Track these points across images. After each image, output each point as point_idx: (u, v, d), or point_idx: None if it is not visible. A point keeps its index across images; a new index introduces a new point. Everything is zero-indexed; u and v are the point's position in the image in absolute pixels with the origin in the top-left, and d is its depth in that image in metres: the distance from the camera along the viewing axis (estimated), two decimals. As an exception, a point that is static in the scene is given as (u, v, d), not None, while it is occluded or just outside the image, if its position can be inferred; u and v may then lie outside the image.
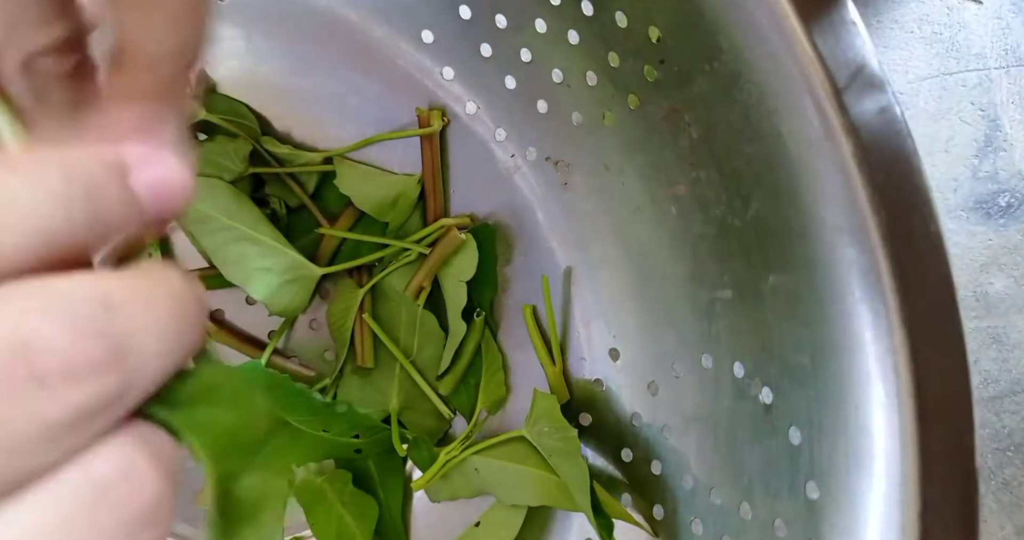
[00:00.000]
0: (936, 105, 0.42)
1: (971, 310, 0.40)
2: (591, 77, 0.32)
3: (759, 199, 0.26)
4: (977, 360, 0.40)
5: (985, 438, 0.39)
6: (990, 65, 0.42)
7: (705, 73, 0.26)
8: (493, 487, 0.35)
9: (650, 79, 0.29)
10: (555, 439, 0.33)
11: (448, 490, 0.36)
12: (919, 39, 0.42)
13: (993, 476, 0.39)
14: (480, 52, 0.35)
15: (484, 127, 0.37)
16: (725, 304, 0.29)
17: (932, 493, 0.21)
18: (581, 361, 0.36)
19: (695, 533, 0.30)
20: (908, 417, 0.21)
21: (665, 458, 0.32)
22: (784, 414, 0.26)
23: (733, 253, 0.28)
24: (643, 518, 0.33)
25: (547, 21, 0.32)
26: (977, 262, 0.41)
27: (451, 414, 0.38)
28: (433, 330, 0.37)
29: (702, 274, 0.30)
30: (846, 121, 0.22)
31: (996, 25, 0.42)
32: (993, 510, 0.39)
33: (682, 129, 0.29)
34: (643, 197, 0.32)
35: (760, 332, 0.27)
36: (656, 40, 0.28)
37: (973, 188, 0.41)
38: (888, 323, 0.22)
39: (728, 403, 0.29)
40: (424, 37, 0.37)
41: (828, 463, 0.24)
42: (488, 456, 0.35)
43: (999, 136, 0.41)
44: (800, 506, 0.25)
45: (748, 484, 0.28)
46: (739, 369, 0.28)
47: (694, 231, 0.30)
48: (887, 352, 0.22)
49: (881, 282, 0.22)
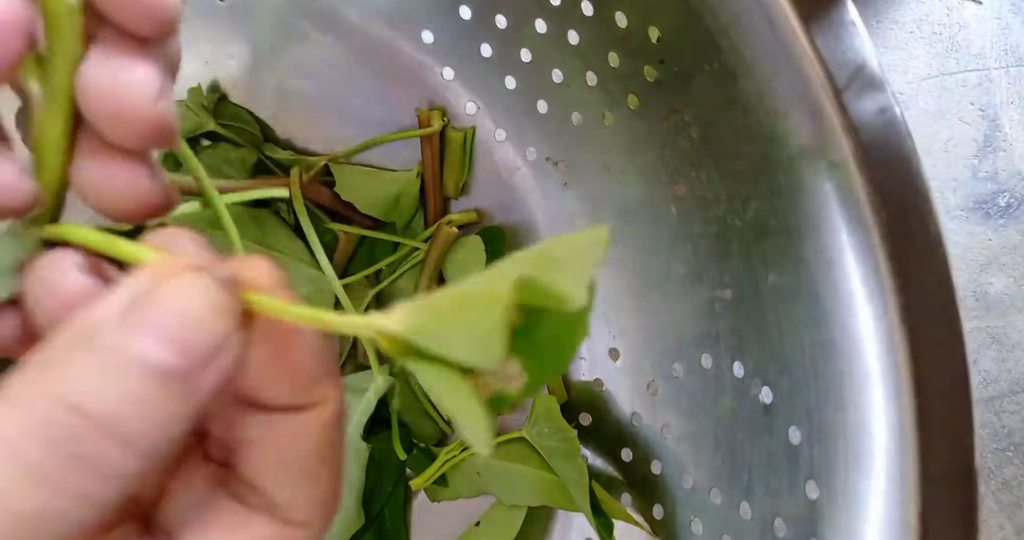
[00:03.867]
0: (936, 105, 0.42)
1: (971, 310, 0.40)
2: (591, 77, 0.32)
3: (759, 199, 0.26)
4: (977, 360, 0.40)
5: (985, 438, 0.39)
6: (990, 65, 0.42)
7: (705, 73, 0.26)
8: (493, 487, 0.35)
9: (650, 79, 0.29)
10: (555, 439, 0.33)
11: (448, 490, 0.36)
12: (919, 39, 0.42)
13: (993, 476, 0.39)
14: (480, 52, 0.35)
15: (484, 127, 0.37)
16: (725, 304, 0.29)
17: (932, 493, 0.21)
18: (581, 361, 0.36)
19: (695, 533, 0.30)
20: (908, 417, 0.21)
21: (665, 458, 0.32)
22: (784, 414, 0.26)
23: (733, 253, 0.28)
24: (643, 518, 0.33)
25: (547, 21, 0.32)
26: (977, 262, 0.41)
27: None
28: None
29: (702, 274, 0.30)
30: (846, 121, 0.22)
31: (996, 25, 0.42)
32: (993, 510, 0.39)
33: (682, 129, 0.29)
34: (643, 197, 0.32)
35: (760, 332, 0.27)
36: (656, 40, 0.28)
37: (973, 188, 0.41)
38: (888, 323, 0.22)
39: (728, 403, 0.29)
40: (424, 37, 0.37)
41: (828, 463, 0.24)
42: (488, 456, 0.35)
43: (999, 136, 0.41)
44: (800, 506, 0.25)
45: (748, 484, 0.28)
46: (739, 369, 0.28)
47: (694, 231, 0.30)
48: (887, 352, 0.22)
49: (881, 282, 0.22)
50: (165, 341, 0.11)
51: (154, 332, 0.11)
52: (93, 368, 0.11)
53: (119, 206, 0.14)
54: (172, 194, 0.14)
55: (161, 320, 0.11)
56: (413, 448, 0.37)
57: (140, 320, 0.11)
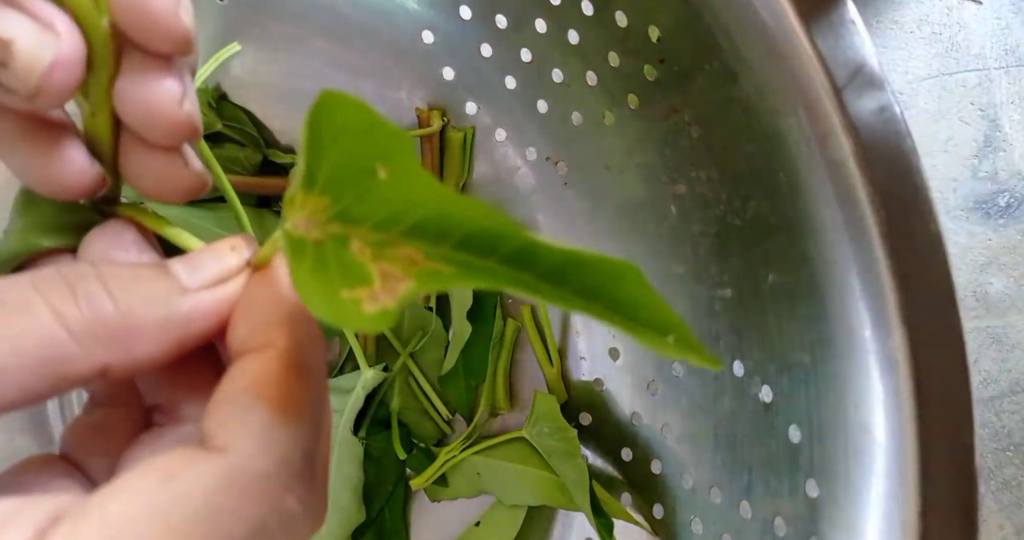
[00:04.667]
0: (936, 105, 0.42)
1: (971, 310, 0.40)
2: (591, 77, 0.32)
3: (759, 198, 0.26)
4: (977, 360, 0.40)
5: (985, 438, 0.39)
6: (990, 65, 0.42)
7: (705, 72, 0.26)
8: (493, 487, 0.35)
9: (650, 79, 0.29)
10: (555, 439, 0.33)
11: (448, 490, 0.36)
12: (919, 39, 0.42)
13: (993, 476, 0.39)
14: (480, 52, 0.35)
15: (484, 127, 0.37)
16: (725, 303, 0.29)
17: (932, 492, 0.21)
18: (581, 361, 0.36)
19: (695, 532, 0.30)
20: (908, 416, 0.21)
21: (665, 457, 0.32)
22: (784, 413, 0.26)
23: (733, 252, 0.28)
24: (643, 517, 0.33)
25: (547, 21, 0.32)
26: (977, 262, 0.41)
27: (451, 415, 0.38)
28: (437, 332, 0.37)
29: (702, 273, 0.30)
30: (845, 120, 0.22)
31: (996, 25, 0.42)
32: (993, 510, 0.39)
33: (682, 129, 0.29)
34: (643, 197, 0.32)
35: (760, 331, 0.27)
36: (656, 40, 0.28)
37: (972, 188, 0.41)
38: (888, 322, 0.22)
39: (728, 402, 0.29)
40: (424, 37, 0.37)
41: (828, 461, 0.24)
42: (488, 456, 0.35)
43: (999, 136, 0.41)
44: (800, 504, 0.25)
45: (748, 483, 0.28)
46: (739, 368, 0.28)
47: (694, 230, 0.30)
48: (887, 351, 0.22)
49: (881, 281, 0.22)
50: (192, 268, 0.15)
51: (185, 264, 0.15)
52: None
53: (161, 190, 0.17)
54: (205, 179, 0.17)
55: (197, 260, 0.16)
56: (413, 448, 0.37)
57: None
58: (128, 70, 0.15)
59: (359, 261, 0.13)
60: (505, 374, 0.37)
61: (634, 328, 0.13)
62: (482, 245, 0.13)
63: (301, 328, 0.15)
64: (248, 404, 0.14)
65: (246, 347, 0.15)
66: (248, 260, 0.16)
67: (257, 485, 0.13)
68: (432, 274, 0.13)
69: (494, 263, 0.13)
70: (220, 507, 0.13)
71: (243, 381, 0.14)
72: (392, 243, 0.13)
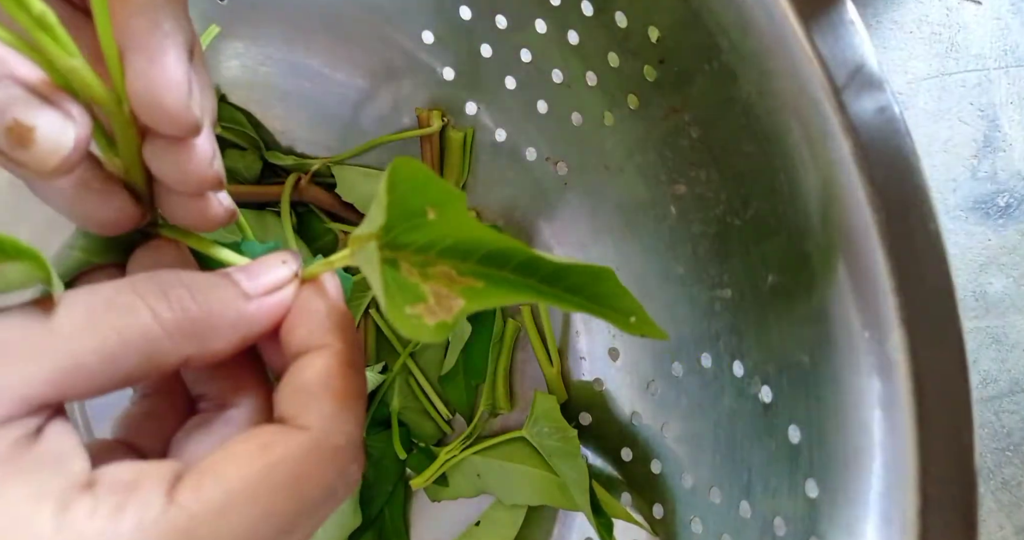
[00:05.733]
0: (935, 105, 0.42)
1: (971, 310, 0.40)
2: (591, 77, 0.32)
3: (759, 199, 0.26)
4: (977, 360, 0.40)
5: (984, 438, 0.39)
6: (989, 65, 0.42)
7: (705, 72, 0.26)
8: (493, 487, 0.35)
9: (650, 79, 0.29)
10: (555, 439, 0.33)
11: (448, 490, 0.36)
12: (918, 39, 0.42)
13: (992, 476, 0.39)
14: (480, 52, 0.35)
15: (484, 127, 0.37)
16: (724, 303, 0.29)
17: (932, 492, 0.21)
18: (581, 360, 0.36)
19: (695, 532, 0.30)
20: (907, 416, 0.21)
21: (665, 457, 0.32)
22: (783, 413, 0.26)
23: (733, 252, 0.28)
24: (643, 517, 0.33)
25: (547, 21, 0.32)
26: (976, 262, 0.41)
27: (451, 415, 0.38)
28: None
29: (702, 273, 0.30)
30: (845, 120, 0.22)
31: (995, 25, 0.42)
32: (992, 510, 0.39)
33: (682, 129, 0.29)
34: (643, 197, 0.32)
35: (759, 331, 0.27)
36: (656, 40, 0.28)
37: (972, 188, 0.41)
38: (887, 322, 0.22)
39: (728, 402, 0.29)
40: (424, 37, 0.37)
41: (827, 461, 0.24)
42: (488, 456, 0.35)
43: (998, 136, 0.41)
44: (800, 504, 0.25)
45: (748, 482, 0.28)
46: (739, 368, 0.28)
47: (694, 230, 0.30)
48: (887, 351, 0.22)
49: (880, 281, 0.22)
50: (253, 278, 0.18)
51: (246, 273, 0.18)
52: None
53: (195, 224, 0.19)
54: (233, 211, 0.20)
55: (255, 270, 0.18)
56: (413, 448, 0.37)
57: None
58: (152, 141, 0.17)
59: (412, 281, 0.16)
60: (505, 374, 0.37)
61: (607, 313, 0.17)
62: (498, 259, 0.17)
63: (349, 332, 0.18)
64: (319, 393, 0.17)
65: (306, 346, 0.17)
66: (296, 272, 0.19)
67: (333, 455, 0.16)
68: (473, 292, 0.16)
69: (507, 273, 0.17)
70: (306, 472, 0.16)
71: (312, 374, 0.17)
72: (431, 262, 0.17)
